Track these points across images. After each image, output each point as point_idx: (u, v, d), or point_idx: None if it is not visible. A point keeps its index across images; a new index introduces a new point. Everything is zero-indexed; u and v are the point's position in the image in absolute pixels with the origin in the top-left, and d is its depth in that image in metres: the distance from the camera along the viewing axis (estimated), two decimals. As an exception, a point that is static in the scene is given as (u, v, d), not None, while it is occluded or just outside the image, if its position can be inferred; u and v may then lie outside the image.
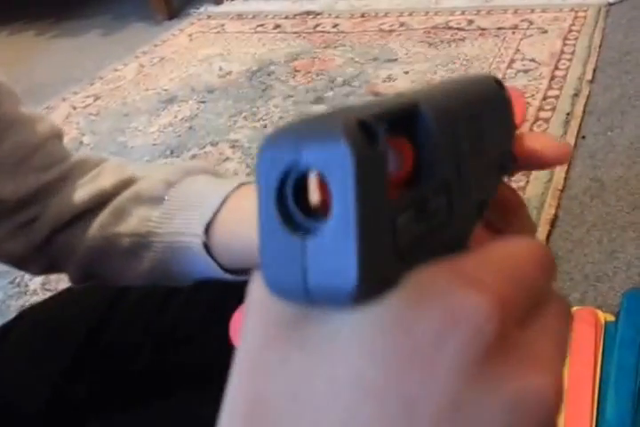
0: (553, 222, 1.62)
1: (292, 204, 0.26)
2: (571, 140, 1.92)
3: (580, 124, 2.01)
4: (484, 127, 0.36)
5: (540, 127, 2.02)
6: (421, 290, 0.26)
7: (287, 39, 2.98)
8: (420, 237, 0.29)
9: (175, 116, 2.52)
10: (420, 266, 0.27)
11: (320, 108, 2.36)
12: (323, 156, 0.25)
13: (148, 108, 2.61)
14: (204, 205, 0.68)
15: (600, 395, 1.20)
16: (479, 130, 0.35)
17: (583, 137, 1.95)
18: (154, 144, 2.37)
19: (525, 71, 2.38)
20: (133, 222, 0.70)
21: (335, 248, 0.25)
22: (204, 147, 2.27)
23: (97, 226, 0.71)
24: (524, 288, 0.28)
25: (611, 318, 1.33)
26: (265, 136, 0.27)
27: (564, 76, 2.29)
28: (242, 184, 0.70)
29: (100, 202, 0.72)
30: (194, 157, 2.23)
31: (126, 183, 0.73)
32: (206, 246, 0.67)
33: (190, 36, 3.20)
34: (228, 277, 0.69)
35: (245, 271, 0.69)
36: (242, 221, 0.65)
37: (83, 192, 0.72)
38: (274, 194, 0.26)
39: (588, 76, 2.26)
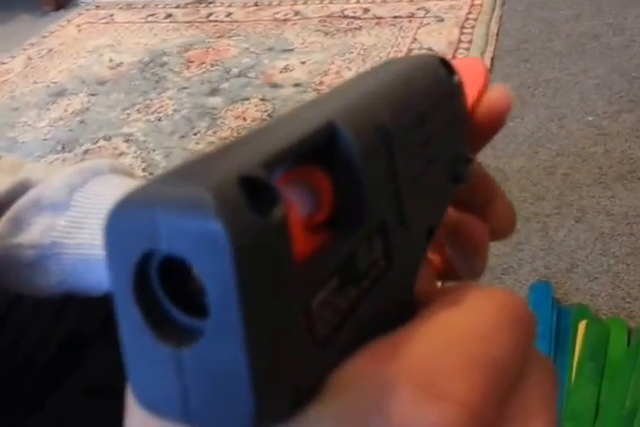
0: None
1: (156, 297, 0.19)
2: (470, 129, 1.92)
3: (480, 115, 2.01)
4: (430, 133, 0.29)
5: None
6: (352, 405, 0.20)
7: (179, 29, 2.91)
8: (348, 309, 0.22)
9: (65, 110, 2.43)
10: (350, 356, 0.21)
11: (215, 100, 2.31)
12: (187, 237, 0.18)
13: (37, 102, 2.52)
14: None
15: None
16: (423, 138, 0.28)
17: (483, 127, 1.95)
18: (44, 139, 2.28)
19: (422, 60, 2.37)
20: (36, 232, 0.63)
21: (219, 360, 0.18)
22: (97, 141, 2.20)
23: None
24: (498, 373, 0.22)
25: (518, 310, 1.33)
26: (115, 202, 0.19)
27: (461, 66, 2.29)
28: None
29: None
30: (87, 152, 2.15)
31: (22, 187, 0.65)
32: None
33: (79, 26, 3.10)
34: None
35: None
36: None
37: None
38: (130, 283, 0.19)
39: (487, 66, 2.26)
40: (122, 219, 0.19)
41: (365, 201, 0.24)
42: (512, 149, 1.84)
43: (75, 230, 0.62)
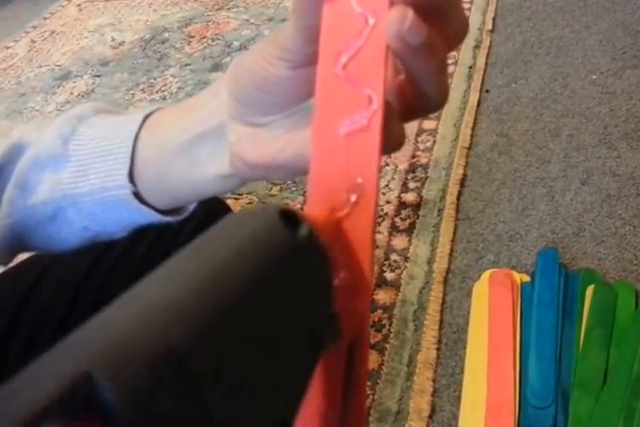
0: (462, 182, 1.61)
1: None
2: (474, 94, 1.91)
3: (484, 78, 2.00)
4: (270, 306, 0.25)
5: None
6: None
7: (179, 3, 2.90)
8: None
9: (71, 93, 2.44)
10: None
11: (218, 76, 2.30)
12: None
13: (43, 87, 2.52)
14: (114, 150, 0.60)
15: (521, 358, 1.20)
16: (259, 316, 0.25)
17: (487, 91, 1.94)
18: (52, 123, 2.28)
19: (423, 23, 2.35)
20: (45, 190, 0.63)
21: None
22: (104, 124, 2.20)
23: (6, 203, 0.64)
24: None
25: (526, 278, 1.33)
26: None
27: (463, 27, 2.26)
28: (147, 115, 0.61)
29: None
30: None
31: (17, 149, 0.65)
32: (135, 194, 0.61)
33: (79, 6, 3.09)
34: (165, 219, 0.64)
35: (179, 210, 0.65)
36: (163, 155, 0.59)
37: None
38: None
39: (489, 26, 2.24)
40: None
41: None
42: (516, 113, 1.83)
43: (81, 179, 0.62)
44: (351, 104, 0.36)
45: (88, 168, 0.61)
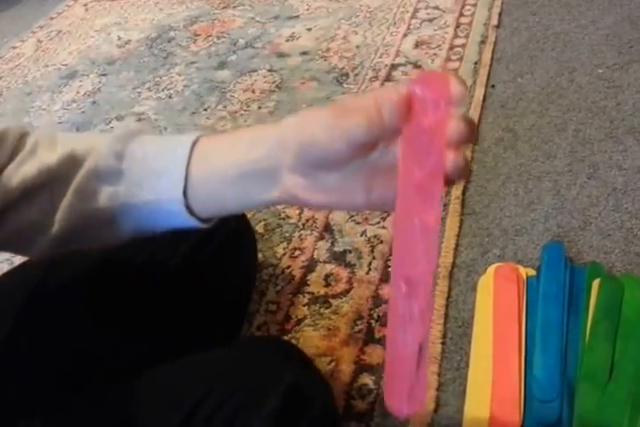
0: (468, 177, 1.61)
1: None
2: (480, 89, 1.90)
3: (489, 73, 2.00)
4: None
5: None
6: None
7: (184, 2, 2.90)
8: None
9: (78, 92, 2.44)
10: None
11: (224, 74, 2.31)
12: None
13: (49, 86, 2.52)
14: (169, 169, 0.69)
15: (527, 352, 1.20)
16: None
17: (493, 86, 1.94)
18: (59, 122, 2.29)
19: (430, 20, 2.35)
20: (104, 199, 0.71)
21: None
22: (110, 122, 2.20)
23: (65, 209, 0.71)
24: None
25: (532, 272, 1.33)
26: None
27: (470, 23, 2.27)
28: (199, 136, 0.70)
29: (48, 179, 0.71)
30: (101, 133, 2.16)
31: (72, 159, 0.72)
32: (187, 207, 0.69)
33: (85, 6, 3.10)
34: (203, 225, 0.72)
35: (212, 219, 0.73)
36: (214, 180, 0.67)
37: (28, 168, 0.72)
38: None
39: (494, 21, 2.24)
40: None
41: None
42: (522, 107, 1.82)
43: (137, 193, 0.70)
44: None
45: (143, 183, 0.70)
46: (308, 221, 1.59)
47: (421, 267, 0.52)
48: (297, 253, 1.52)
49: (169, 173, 0.68)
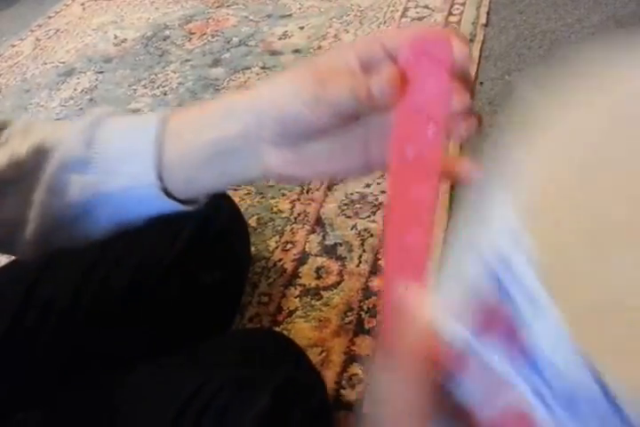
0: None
1: None
2: (467, 87, 1.94)
3: (478, 70, 2.04)
4: None
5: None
6: None
7: (180, 1, 2.93)
8: None
9: (75, 89, 2.47)
10: None
11: (218, 71, 2.35)
12: None
13: (47, 83, 2.55)
14: (140, 153, 0.65)
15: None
16: None
17: (481, 83, 1.98)
18: (57, 119, 2.32)
19: (420, 19, 2.39)
20: (75, 192, 0.67)
21: None
22: (107, 119, 2.23)
23: (37, 205, 0.67)
24: None
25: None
26: None
27: (459, 22, 2.30)
28: (167, 115, 0.67)
29: (17, 169, 0.67)
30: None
31: (41, 150, 0.67)
32: (163, 190, 0.66)
33: (83, 5, 3.12)
34: (185, 208, 0.68)
35: (195, 200, 0.69)
36: (190, 162, 0.64)
37: None
38: None
39: (483, 20, 2.28)
40: None
41: None
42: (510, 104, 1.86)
43: (109, 179, 0.66)
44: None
45: (115, 170, 0.65)
46: (299, 215, 1.63)
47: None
48: (289, 246, 1.56)
49: (140, 155, 0.65)
